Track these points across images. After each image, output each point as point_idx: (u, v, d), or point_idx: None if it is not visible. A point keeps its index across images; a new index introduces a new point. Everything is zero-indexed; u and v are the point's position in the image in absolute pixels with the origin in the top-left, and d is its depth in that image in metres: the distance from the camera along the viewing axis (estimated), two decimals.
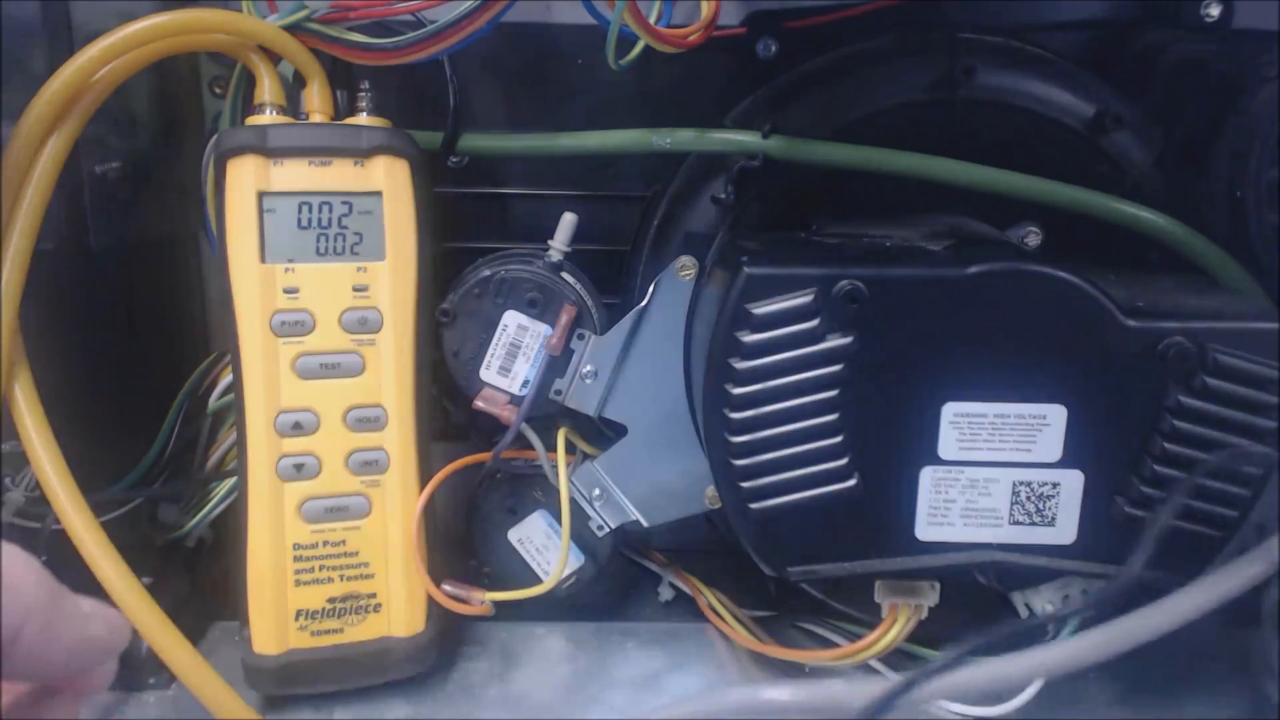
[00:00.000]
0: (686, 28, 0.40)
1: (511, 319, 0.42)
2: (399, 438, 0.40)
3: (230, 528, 0.46)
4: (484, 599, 0.42)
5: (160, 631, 0.36)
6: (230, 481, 0.45)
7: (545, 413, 0.43)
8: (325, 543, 0.40)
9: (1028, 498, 0.37)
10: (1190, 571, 0.35)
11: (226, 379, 0.46)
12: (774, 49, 0.46)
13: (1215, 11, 0.46)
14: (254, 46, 0.39)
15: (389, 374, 0.40)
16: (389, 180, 0.39)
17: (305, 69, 0.40)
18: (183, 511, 0.47)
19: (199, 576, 0.49)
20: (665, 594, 0.50)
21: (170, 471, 0.46)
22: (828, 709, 0.37)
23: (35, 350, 0.37)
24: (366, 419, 0.40)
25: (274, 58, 0.40)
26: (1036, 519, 0.37)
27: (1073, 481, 0.37)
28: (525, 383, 0.42)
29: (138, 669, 0.42)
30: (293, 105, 0.41)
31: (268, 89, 0.40)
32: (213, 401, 0.46)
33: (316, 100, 0.40)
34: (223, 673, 0.39)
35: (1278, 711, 0.38)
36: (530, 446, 0.44)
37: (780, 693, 0.38)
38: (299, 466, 0.39)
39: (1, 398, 0.36)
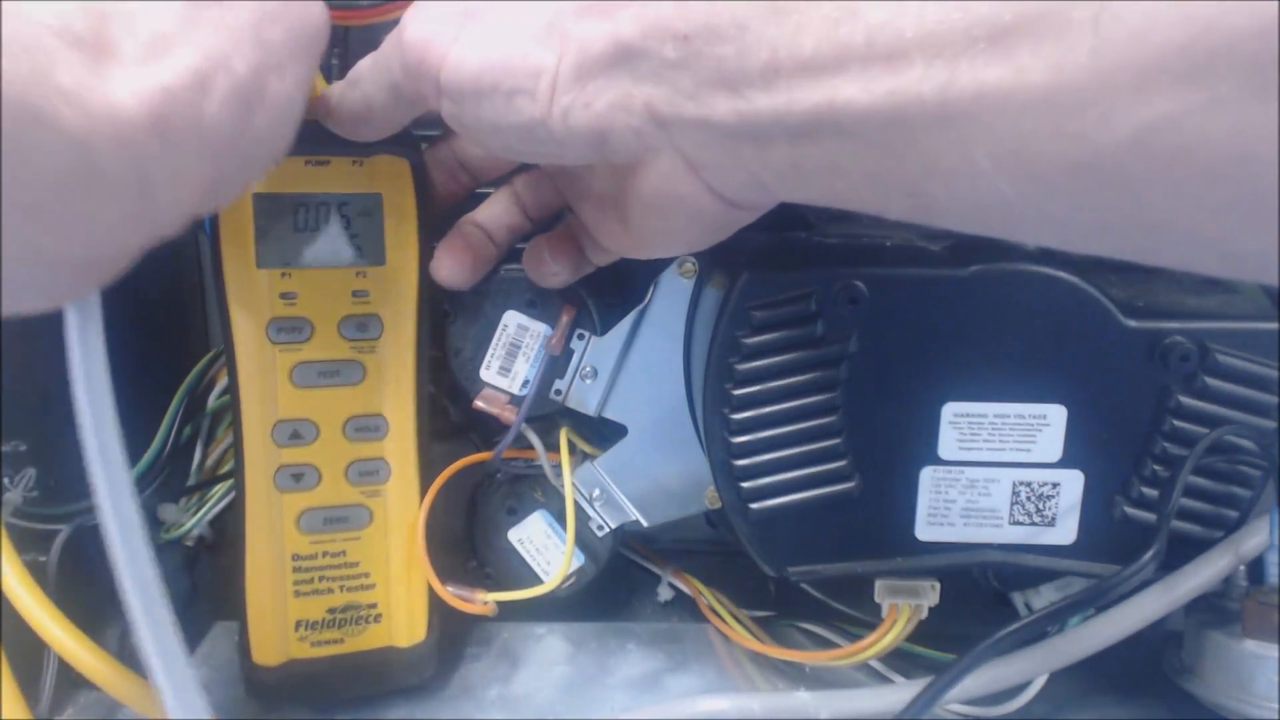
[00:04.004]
0: None
1: (511, 319, 0.42)
2: (399, 447, 0.40)
3: (230, 527, 0.46)
4: (487, 599, 0.42)
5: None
6: (230, 480, 0.46)
7: (545, 413, 0.43)
8: (325, 553, 0.39)
9: (1028, 498, 0.37)
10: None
11: (225, 378, 0.45)
12: None
13: None
14: None
15: (389, 382, 0.39)
16: (389, 181, 0.38)
17: None
18: (182, 510, 0.47)
19: (199, 575, 0.49)
20: (665, 594, 0.50)
21: (169, 470, 0.46)
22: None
23: (35, 349, 0.37)
24: (366, 428, 0.39)
25: None
26: (1036, 519, 0.37)
27: (1073, 481, 0.37)
28: (525, 383, 0.42)
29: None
30: None
31: None
32: (211, 400, 0.46)
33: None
34: (224, 672, 0.39)
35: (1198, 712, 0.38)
36: (530, 446, 0.44)
37: (719, 704, 0.39)
38: (297, 476, 0.39)
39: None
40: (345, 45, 0.41)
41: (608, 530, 0.44)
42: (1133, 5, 0.17)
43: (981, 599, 0.41)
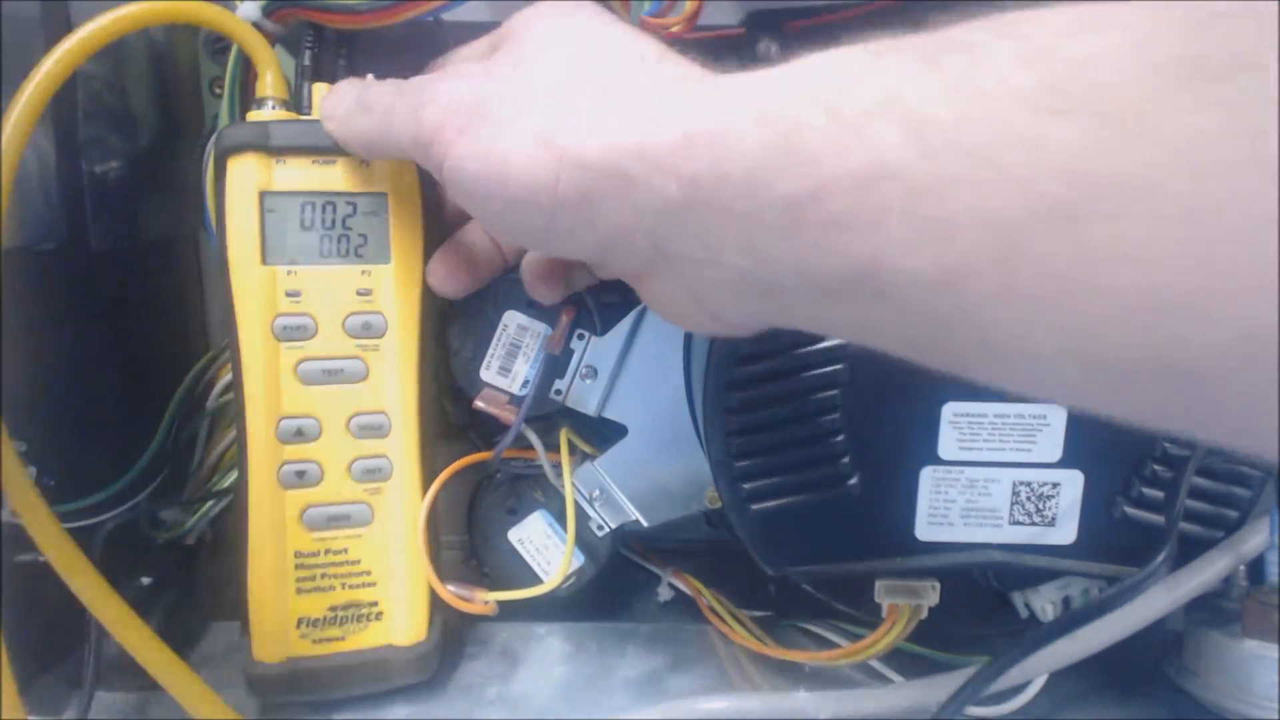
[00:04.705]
0: (670, 18, 0.39)
1: (511, 319, 0.42)
2: (402, 445, 0.40)
3: (230, 527, 0.46)
4: (488, 598, 0.42)
5: (137, 633, 0.35)
6: (229, 479, 0.46)
7: (545, 413, 0.43)
8: (327, 551, 0.39)
9: (1028, 498, 0.37)
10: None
11: (225, 378, 0.46)
12: (774, 49, 0.46)
13: None
14: (256, 35, 0.38)
15: (393, 380, 0.39)
16: (395, 181, 0.38)
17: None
18: (183, 510, 0.47)
19: (199, 575, 0.49)
20: (665, 594, 0.50)
21: (168, 470, 0.46)
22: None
23: (35, 350, 0.37)
24: (369, 426, 0.39)
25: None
26: (1036, 519, 0.37)
27: (1073, 481, 0.37)
28: (525, 383, 0.42)
29: (141, 669, 0.42)
30: (295, 99, 0.39)
31: (270, 83, 0.38)
32: (211, 400, 0.46)
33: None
34: (221, 673, 0.38)
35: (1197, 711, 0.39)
36: (530, 446, 0.44)
37: (719, 704, 0.39)
38: (300, 474, 0.39)
39: (0, 399, 0.36)
40: (351, 47, 0.41)
41: (608, 530, 0.44)
42: (1227, 182, 0.14)
43: (981, 599, 0.41)
